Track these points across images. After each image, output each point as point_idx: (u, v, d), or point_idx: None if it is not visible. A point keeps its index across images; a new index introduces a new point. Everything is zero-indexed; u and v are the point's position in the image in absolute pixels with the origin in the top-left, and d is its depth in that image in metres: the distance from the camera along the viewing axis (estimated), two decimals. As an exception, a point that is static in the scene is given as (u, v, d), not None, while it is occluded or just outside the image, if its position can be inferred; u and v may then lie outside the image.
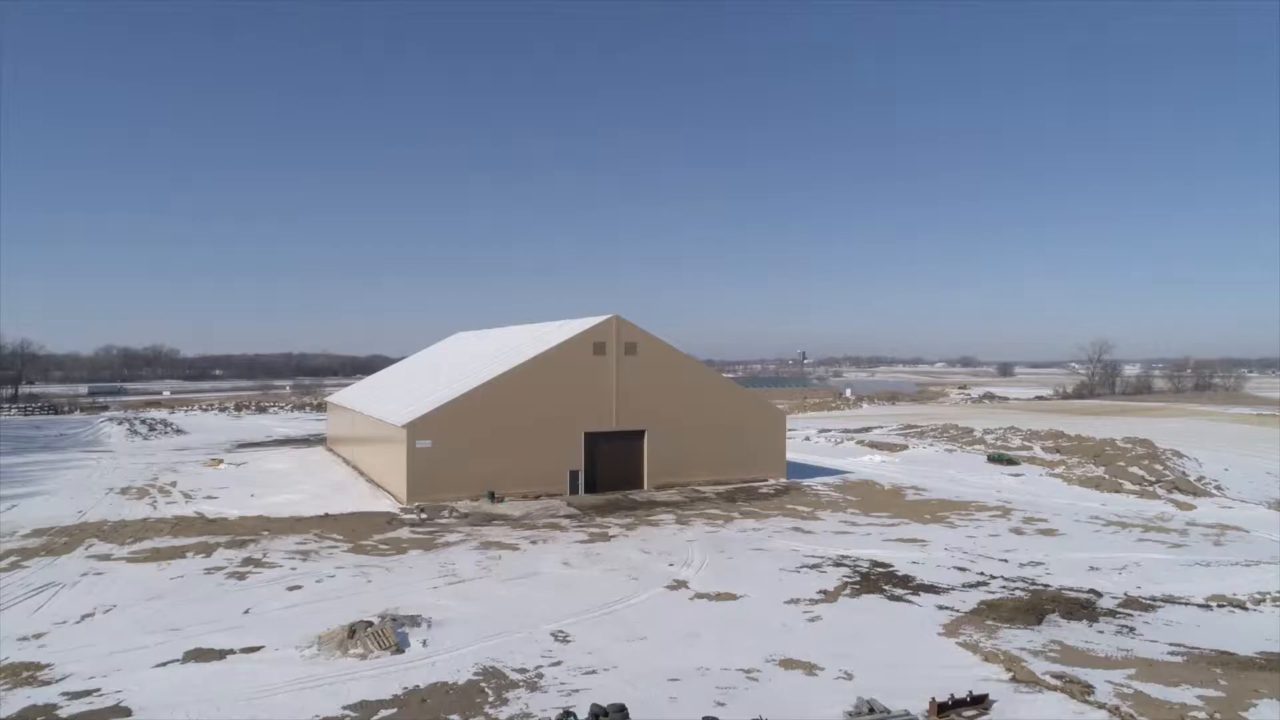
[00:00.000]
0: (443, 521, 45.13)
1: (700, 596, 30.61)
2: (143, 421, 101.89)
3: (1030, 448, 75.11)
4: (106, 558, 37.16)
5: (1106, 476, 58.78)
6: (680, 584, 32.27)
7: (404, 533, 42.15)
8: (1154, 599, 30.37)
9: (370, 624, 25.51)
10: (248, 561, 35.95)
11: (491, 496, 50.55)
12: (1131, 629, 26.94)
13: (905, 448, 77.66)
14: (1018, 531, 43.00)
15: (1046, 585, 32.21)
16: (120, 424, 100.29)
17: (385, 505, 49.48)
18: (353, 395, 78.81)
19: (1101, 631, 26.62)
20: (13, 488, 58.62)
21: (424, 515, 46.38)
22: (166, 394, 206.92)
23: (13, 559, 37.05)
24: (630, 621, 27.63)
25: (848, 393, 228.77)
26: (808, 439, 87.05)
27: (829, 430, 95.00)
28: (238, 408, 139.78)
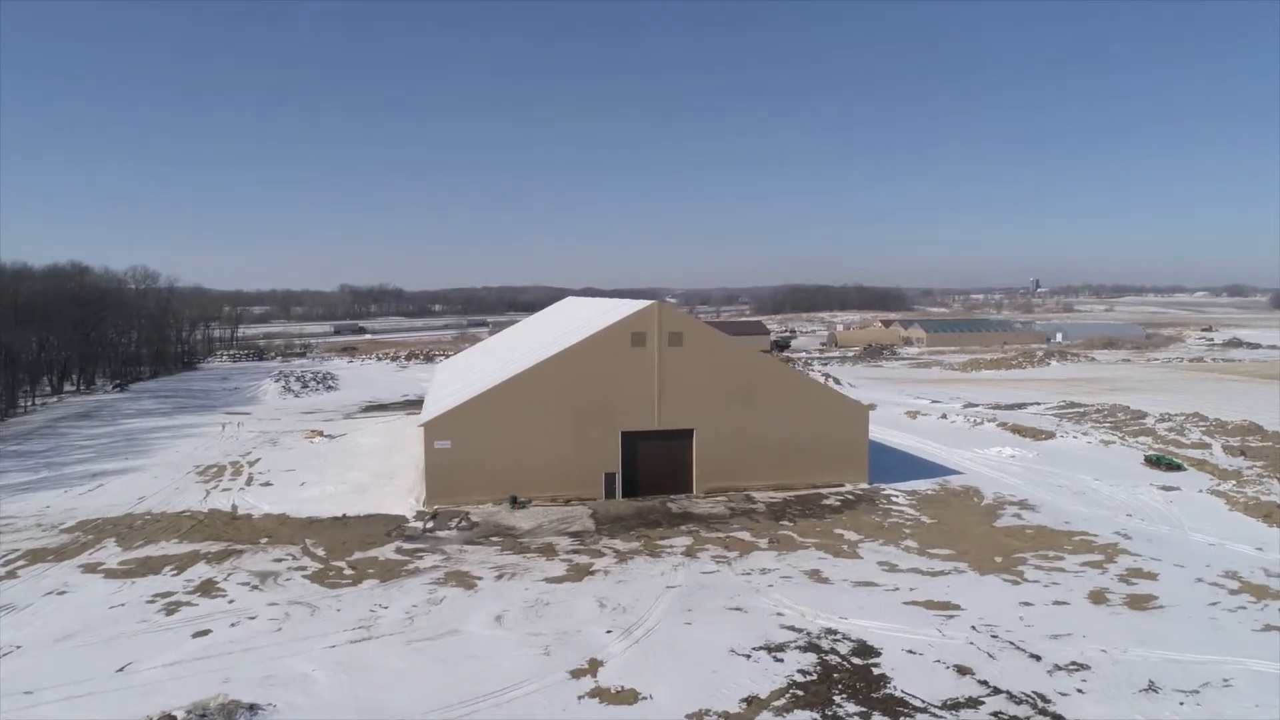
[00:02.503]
0: (442, 534, 42.66)
1: (596, 694, 25.62)
2: (297, 378, 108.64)
3: (1209, 445, 61.03)
4: (94, 569, 37.90)
5: (1284, 504, 45.86)
6: (593, 667, 27.39)
7: (387, 550, 40.05)
8: (1199, 767, 21.66)
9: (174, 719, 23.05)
10: (203, 587, 35.16)
11: (514, 501, 47.45)
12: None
13: (1051, 436, 65.94)
14: (1100, 597, 33.63)
15: (1059, 718, 24.13)
16: (278, 380, 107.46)
17: (406, 505, 47.78)
18: (445, 367, 78.49)
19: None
20: (124, 460, 63.32)
21: (429, 525, 44.15)
22: (368, 336, 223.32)
23: (20, 563, 38.76)
24: (479, 732, 23.37)
25: (1057, 338, 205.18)
26: (944, 417, 76.65)
27: (976, 406, 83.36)
28: (408, 357, 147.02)
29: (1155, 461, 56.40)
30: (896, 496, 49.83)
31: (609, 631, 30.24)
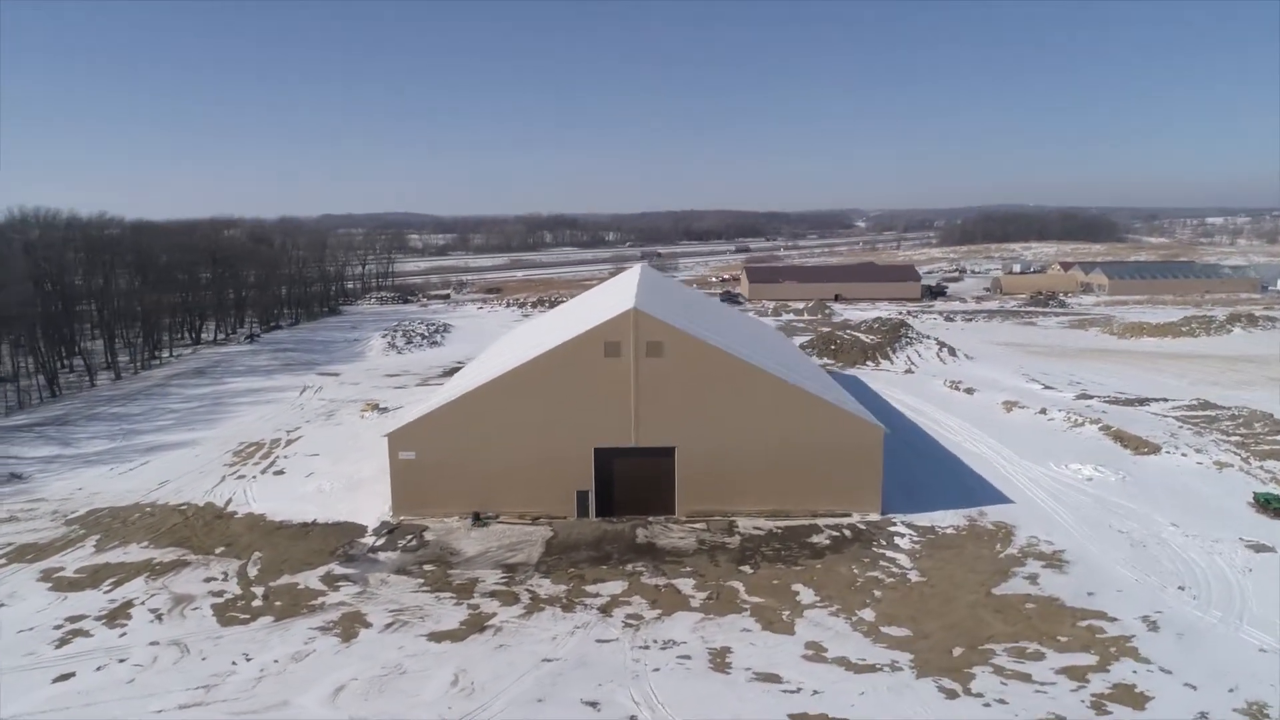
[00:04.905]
0: (383, 557, 41.60)
1: (348, 822, 23.36)
2: (404, 333, 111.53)
3: (1352, 483, 48.51)
4: (51, 576, 39.99)
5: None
6: (376, 779, 25.09)
7: (315, 575, 39.46)
8: None
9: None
10: (116, 612, 35.98)
11: (476, 518, 45.55)
12: None
13: (1156, 451, 55.26)
14: (1046, 733, 27.02)
15: None
16: (385, 336, 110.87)
17: (378, 513, 47.00)
18: (504, 339, 77.14)
19: None
20: (190, 430, 67.50)
21: (379, 543, 43.25)
22: (520, 275, 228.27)
23: (-1, 563, 41.60)
24: None
25: (1277, 286, 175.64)
26: (1043, 412, 66.54)
27: (1091, 399, 71.69)
28: (535, 304, 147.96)
29: (1264, 503, 45.68)
30: (902, 537, 43.30)
31: (428, 728, 27.72)
